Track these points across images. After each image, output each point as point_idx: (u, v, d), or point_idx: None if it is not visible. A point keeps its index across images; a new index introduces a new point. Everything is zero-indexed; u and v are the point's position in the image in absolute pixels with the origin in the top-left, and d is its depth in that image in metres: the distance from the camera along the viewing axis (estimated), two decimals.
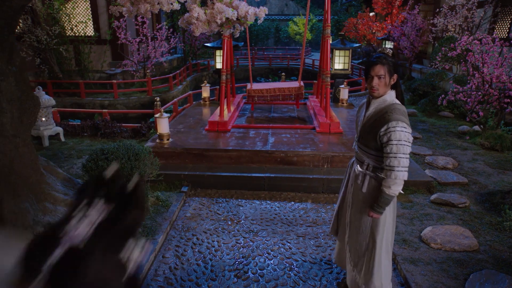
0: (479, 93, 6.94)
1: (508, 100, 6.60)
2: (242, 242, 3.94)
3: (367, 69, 2.46)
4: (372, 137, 2.44)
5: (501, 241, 3.74)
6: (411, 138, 2.37)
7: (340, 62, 9.80)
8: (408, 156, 2.36)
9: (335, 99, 9.77)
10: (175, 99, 9.27)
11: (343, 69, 9.88)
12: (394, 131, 2.32)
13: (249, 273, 3.41)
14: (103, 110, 8.29)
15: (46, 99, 7.09)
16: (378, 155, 2.47)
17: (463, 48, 7.25)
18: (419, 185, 5.06)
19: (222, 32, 3.08)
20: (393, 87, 2.49)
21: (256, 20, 2.75)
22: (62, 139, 7.49)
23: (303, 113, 7.91)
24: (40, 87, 7.19)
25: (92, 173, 4.02)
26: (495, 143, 6.58)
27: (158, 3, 3.69)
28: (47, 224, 3.81)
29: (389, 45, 17.84)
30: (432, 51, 13.45)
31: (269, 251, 3.77)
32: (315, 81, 12.17)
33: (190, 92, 10.37)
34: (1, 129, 3.67)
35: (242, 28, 3.04)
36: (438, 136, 7.53)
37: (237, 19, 2.77)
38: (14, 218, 3.63)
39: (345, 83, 9.03)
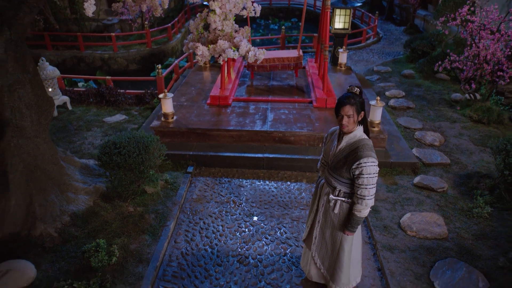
0: (476, 61, 7.08)
1: (501, 73, 6.80)
2: (243, 226, 4.50)
3: (337, 109, 2.79)
4: (346, 169, 2.85)
5: (468, 228, 4.30)
6: (377, 169, 2.79)
7: (340, 21, 9.68)
8: (375, 184, 2.81)
9: (334, 60, 9.84)
10: (176, 61, 9.37)
11: (344, 29, 9.79)
12: (365, 166, 2.73)
13: (250, 258, 4.01)
14: (107, 77, 8.45)
15: (51, 70, 7.27)
16: (350, 183, 2.91)
17: (463, 18, 7.25)
18: (405, 166, 5.52)
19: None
20: (360, 122, 2.84)
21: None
22: (69, 107, 7.78)
23: (302, 81, 8.11)
24: (43, 58, 7.32)
25: (108, 166, 4.45)
26: (482, 116, 6.92)
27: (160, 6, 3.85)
28: (72, 213, 4.35)
29: None
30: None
31: (267, 235, 4.35)
32: (315, 34, 12.05)
33: (191, 51, 10.36)
34: (23, 132, 4.04)
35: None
36: (431, 105, 7.82)
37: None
38: (43, 210, 4.14)
39: (344, 47, 9.06)
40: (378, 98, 5.74)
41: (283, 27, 12.33)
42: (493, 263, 3.77)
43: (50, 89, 7.32)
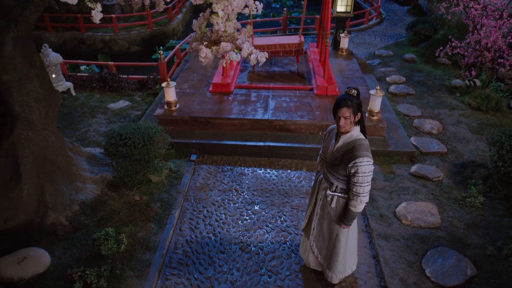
0: (477, 47, 7.09)
1: (501, 60, 6.84)
2: (245, 214, 4.70)
3: (335, 110, 2.93)
4: (342, 167, 3.01)
5: (460, 217, 4.49)
6: (373, 168, 2.94)
7: (342, 4, 9.60)
8: (370, 182, 2.96)
9: (335, 43, 9.79)
10: (177, 46, 9.38)
11: (346, 12, 9.72)
12: (361, 165, 2.89)
13: (251, 246, 4.22)
14: (109, 63, 8.49)
15: (54, 57, 7.32)
16: (346, 180, 3.07)
17: (466, 4, 7.21)
18: (402, 155, 5.66)
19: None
20: (357, 122, 2.98)
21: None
22: (73, 93, 7.87)
23: (303, 67, 8.15)
24: (46, 44, 7.36)
25: (114, 157, 4.61)
26: (481, 103, 7.00)
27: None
28: (81, 202, 4.54)
29: None
30: None
31: (268, 224, 4.55)
32: (317, 16, 11.95)
33: (192, 34, 10.33)
34: (33, 125, 4.18)
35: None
36: (431, 91, 7.89)
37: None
38: (54, 200, 4.34)
39: (345, 32, 9.03)
40: (378, 87, 5.82)
41: (284, 9, 12.22)
42: (482, 252, 3.97)
43: (53, 75, 7.39)
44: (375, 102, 5.86)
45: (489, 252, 3.93)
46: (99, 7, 2.73)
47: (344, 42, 8.97)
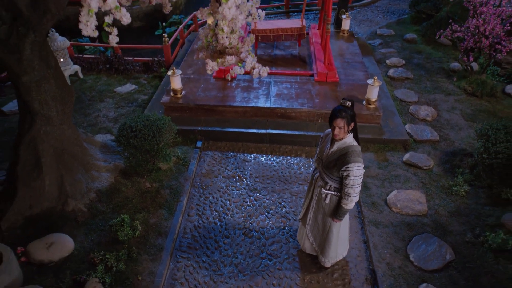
0: (476, 32, 7.20)
1: (499, 46, 6.99)
2: (248, 201, 5.10)
3: (330, 120, 3.26)
4: (336, 170, 3.37)
5: (445, 205, 4.88)
6: (363, 171, 3.29)
7: None
8: (360, 184, 3.31)
9: (337, 22, 9.85)
10: (181, 26, 9.46)
11: None
12: (352, 170, 3.24)
13: (253, 231, 4.65)
14: (114, 45, 8.61)
15: (61, 41, 7.50)
16: (339, 180, 3.44)
17: None
18: (397, 143, 5.98)
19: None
20: (351, 130, 3.30)
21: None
22: (81, 76, 8.11)
23: (304, 50, 8.31)
24: (53, 29, 7.51)
25: (125, 148, 4.97)
26: (476, 89, 7.23)
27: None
28: (97, 190, 4.94)
29: None
30: None
31: (269, 210, 4.96)
32: None
33: (195, 12, 10.38)
34: (50, 121, 4.51)
35: None
36: (429, 75, 8.08)
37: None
38: (73, 188, 4.74)
39: (347, 14, 9.07)
40: (376, 77, 6.04)
41: None
42: (461, 238, 4.39)
43: (61, 60, 7.59)
44: (373, 92, 6.10)
45: (468, 238, 4.35)
46: (115, 31, 2.96)
47: (346, 24, 9.04)
